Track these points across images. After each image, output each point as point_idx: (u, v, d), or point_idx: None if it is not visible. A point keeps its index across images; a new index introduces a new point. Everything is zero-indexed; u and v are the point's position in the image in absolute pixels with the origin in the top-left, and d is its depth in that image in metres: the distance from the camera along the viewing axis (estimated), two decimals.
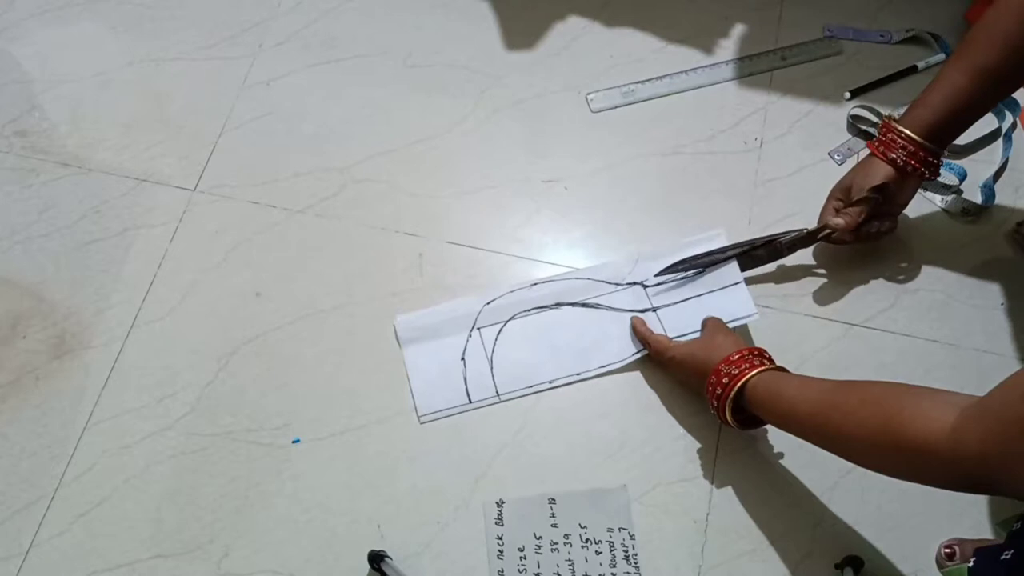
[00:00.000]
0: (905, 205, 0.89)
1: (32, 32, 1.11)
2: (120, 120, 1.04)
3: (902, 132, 0.83)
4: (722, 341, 0.81)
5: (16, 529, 0.82)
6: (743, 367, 0.76)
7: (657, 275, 0.91)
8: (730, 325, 0.86)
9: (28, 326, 0.91)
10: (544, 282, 0.92)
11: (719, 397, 0.77)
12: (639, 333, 0.88)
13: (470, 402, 0.87)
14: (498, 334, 0.90)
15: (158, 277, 0.94)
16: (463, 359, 0.89)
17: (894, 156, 0.84)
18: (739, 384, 0.75)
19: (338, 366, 0.89)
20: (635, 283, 0.91)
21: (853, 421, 0.65)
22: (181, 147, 1.02)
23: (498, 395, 0.87)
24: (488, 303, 0.91)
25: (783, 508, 0.82)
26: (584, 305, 0.91)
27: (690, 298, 0.90)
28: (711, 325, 0.85)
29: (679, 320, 0.89)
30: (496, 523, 0.81)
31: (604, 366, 0.88)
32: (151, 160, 1.01)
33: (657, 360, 0.87)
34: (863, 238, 0.89)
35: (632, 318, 0.89)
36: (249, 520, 0.82)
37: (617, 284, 0.91)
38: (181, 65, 1.07)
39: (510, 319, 0.90)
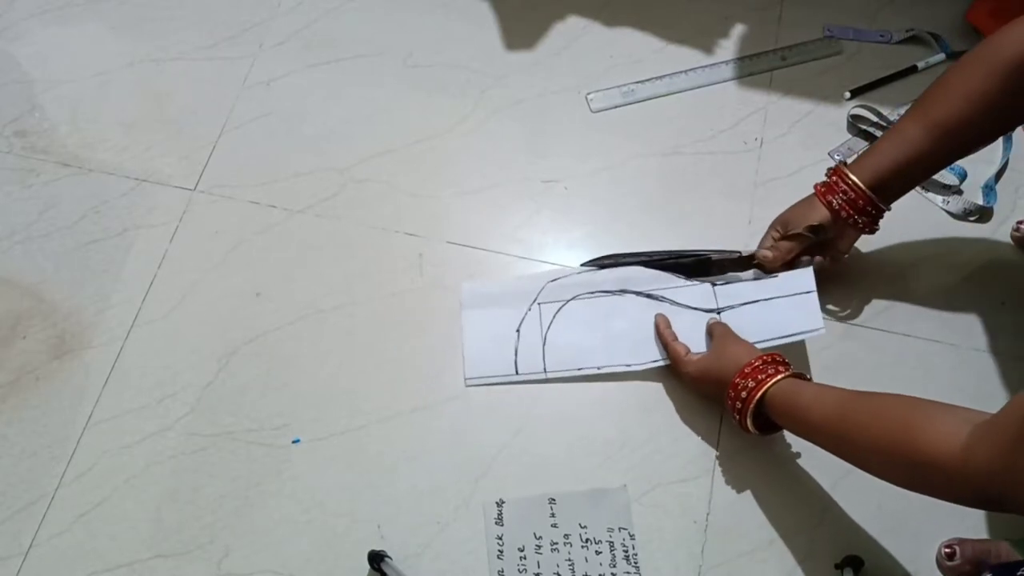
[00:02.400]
0: (845, 251, 0.87)
1: (32, 32, 1.11)
2: (120, 120, 1.04)
3: (848, 178, 0.81)
4: (734, 351, 0.81)
5: (16, 529, 0.82)
6: (761, 377, 0.76)
7: (583, 264, 0.92)
8: (790, 339, 0.84)
9: (28, 326, 0.91)
10: (613, 266, 0.92)
11: (740, 411, 0.77)
12: (662, 336, 0.87)
13: (516, 374, 0.87)
14: (556, 312, 0.89)
15: (158, 277, 0.94)
16: (518, 331, 0.88)
17: (831, 200, 0.83)
18: (759, 395, 0.75)
19: (338, 366, 0.89)
20: (706, 280, 0.89)
21: (867, 434, 0.66)
22: (181, 147, 1.02)
23: (545, 372, 0.87)
24: (553, 280, 0.91)
25: (783, 508, 0.82)
26: (649, 296, 0.89)
27: (757, 301, 0.87)
28: (719, 333, 0.84)
29: (742, 323, 0.86)
30: (496, 523, 0.81)
31: (654, 361, 0.87)
32: (151, 160, 1.01)
33: (673, 370, 0.86)
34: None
35: (656, 316, 0.88)
36: (249, 520, 0.82)
37: (687, 279, 0.90)
38: (181, 65, 1.07)
39: (572, 299, 0.90)
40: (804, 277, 0.86)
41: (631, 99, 1.04)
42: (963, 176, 0.97)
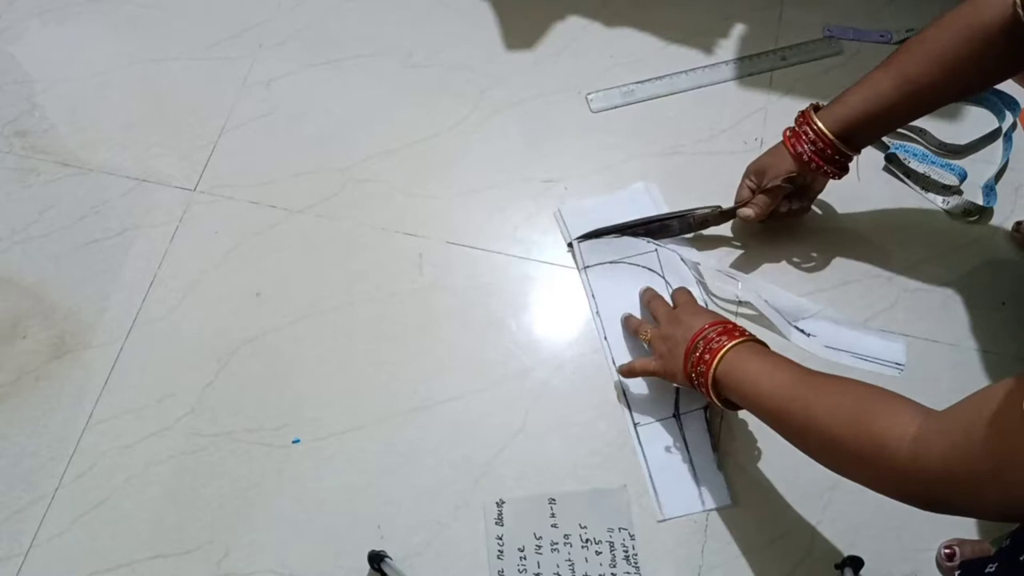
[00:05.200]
0: (816, 195, 0.90)
1: (32, 32, 1.11)
2: (120, 120, 1.04)
3: (815, 125, 0.82)
4: (698, 312, 0.79)
5: (16, 529, 0.82)
6: (723, 338, 0.73)
7: (579, 238, 0.93)
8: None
9: (28, 326, 0.91)
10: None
11: (697, 368, 0.74)
12: (629, 322, 0.87)
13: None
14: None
15: (158, 277, 0.94)
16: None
17: (801, 150, 0.84)
18: (716, 361, 0.72)
19: (338, 366, 0.89)
20: (800, 327, 0.87)
21: (822, 412, 0.64)
22: (181, 147, 1.02)
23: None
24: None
25: (783, 508, 0.82)
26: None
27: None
28: (681, 301, 0.83)
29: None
30: (496, 523, 0.81)
31: None
32: (151, 160, 1.01)
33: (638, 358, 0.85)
34: (775, 219, 0.90)
35: (626, 318, 0.88)
36: (249, 520, 0.82)
37: (788, 321, 0.88)
38: (181, 65, 1.07)
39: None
40: (897, 352, 0.87)
41: (631, 99, 1.04)
42: (963, 176, 0.97)
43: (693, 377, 0.75)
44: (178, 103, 1.05)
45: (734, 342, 0.73)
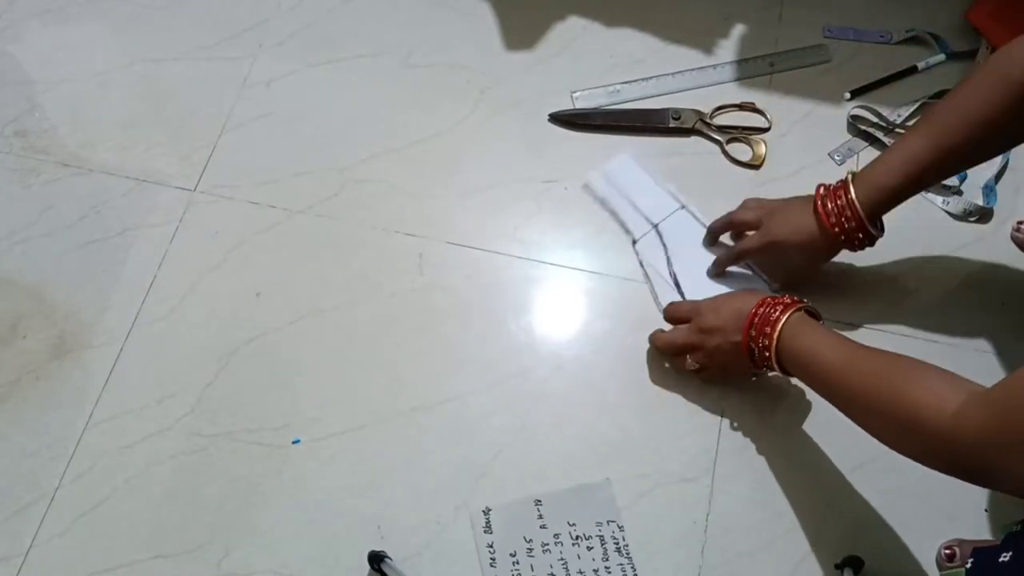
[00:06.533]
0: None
1: (32, 32, 1.11)
2: (120, 120, 1.04)
3: (849, 195, 0.79)
4: (749, 292, 0.81)
5: (16, 529, 0.82)
6: (779, 308, 0.75)
7: (550, 115, 1.02)
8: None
9: (28, 326, 0.91)
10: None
11: (759, 340, 0.75)
12: (669, 311, 0.87)
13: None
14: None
15: (158, 277, 0.94)
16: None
17: (835, 222, 0.80)
18: (780, 326, 0.74)
19: (338, 366, 0.89)
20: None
21: (867, 381, 0.66)
22: (181, 147, 1.02)
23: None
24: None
25: (783, 508, 0.82)
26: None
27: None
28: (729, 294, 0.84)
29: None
30: (485, 531, 0.81)
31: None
32: (151, 160, 1.01)
33: (678, 338, 0.84)
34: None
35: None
36: (249, 520, 0.82)
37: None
38: (181, 65, 1.07)
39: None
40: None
41: (617, 99, 1.04)
42: (963, 176, 0.97)
43: (754, 351, 0.77)
44: (178, 103, 1.05)
45: (792, 311, 0.75)
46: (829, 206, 0.80)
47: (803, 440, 0.84)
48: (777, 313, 0.75)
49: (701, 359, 0.83)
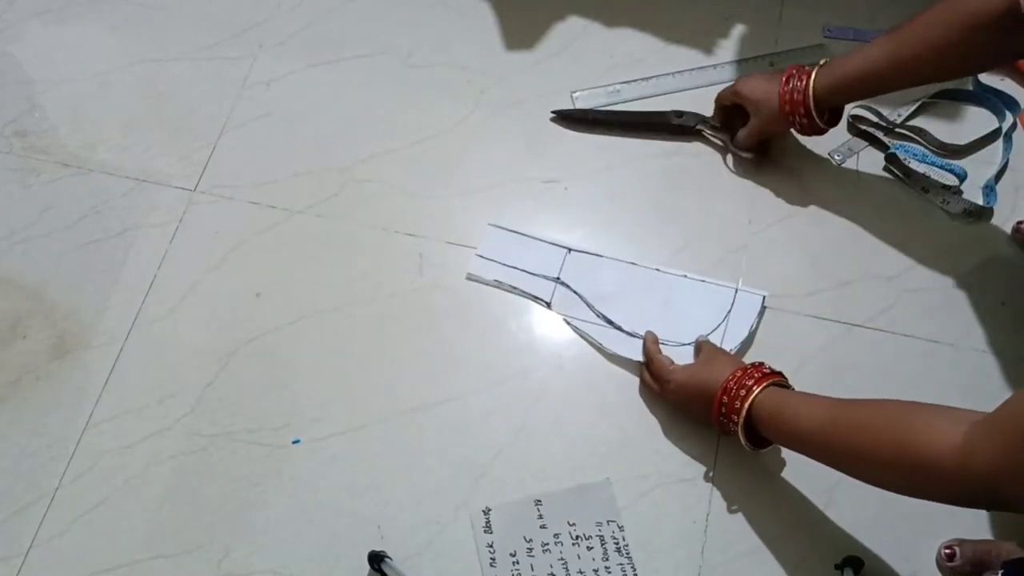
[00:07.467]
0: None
1: (32, 32, 1.11)
2: (120, 120, 1.04)
3: (806, 83, 0.87)
4: (722, 360, 0.81)
5: (16, 529, 0.82)
6: (749, 383, 0.75)
7: (553, 113, 1.02)
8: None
9: (28, 326, 0.91)
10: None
11: (728, 422, 0.77)
12: (647, 349, 0.87)
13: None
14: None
15: (158, 277, 0.94)
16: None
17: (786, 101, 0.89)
18: (748, 404, 0.74)
19: (338, 366, 0.89)
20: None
21: (861, 437, 0.65)
22: (181, 147, 1.02)
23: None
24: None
25: (783, 508, 0.82)
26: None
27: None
28: (707, 348, 0.85)
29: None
30: (485, 531, 0.81)
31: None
32: (151, 160, 1.01)
33: (655, 385, 0.85)
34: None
35: (647, 332, 0.88)
36: (249, 520, 0.82)
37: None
38: (181, 65, 1.07)
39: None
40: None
41: (616, 99, 1.04)
42: (963, 176, 0.97)
43: (723, 420, 0.78)
44: (178, 103, 1.05)
45: (765, 384, 0.75)
46: (790, 84, 0.89)
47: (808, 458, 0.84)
48: (744, 392, 0.75)
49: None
